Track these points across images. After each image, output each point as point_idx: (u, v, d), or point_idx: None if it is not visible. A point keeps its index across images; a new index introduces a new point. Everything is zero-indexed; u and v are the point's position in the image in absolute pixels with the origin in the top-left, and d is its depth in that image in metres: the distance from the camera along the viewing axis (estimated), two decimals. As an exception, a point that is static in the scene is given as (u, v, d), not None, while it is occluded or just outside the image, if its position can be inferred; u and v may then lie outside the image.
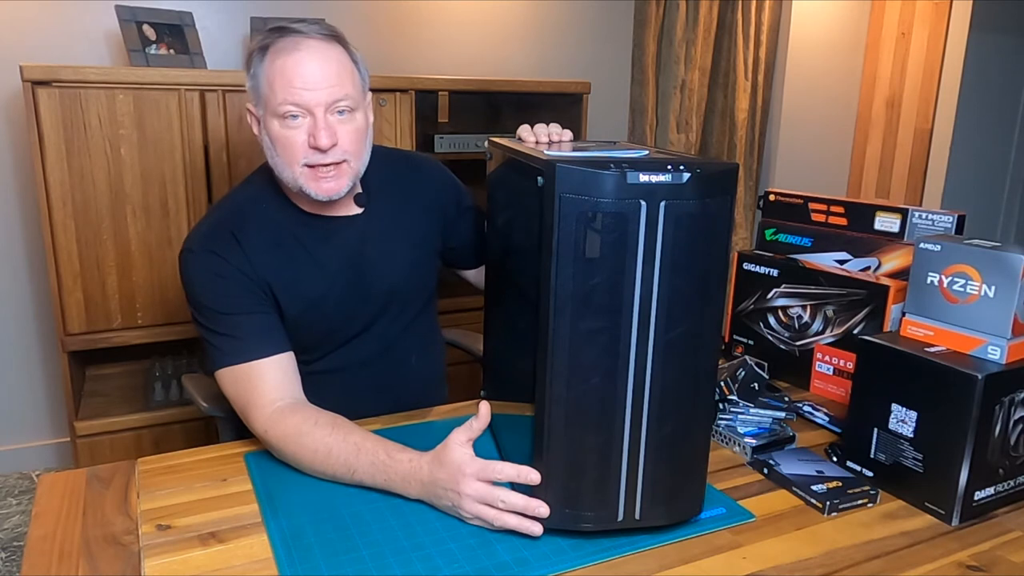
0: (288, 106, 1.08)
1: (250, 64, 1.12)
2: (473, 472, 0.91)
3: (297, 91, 1.08)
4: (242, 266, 1.13)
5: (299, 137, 1.10)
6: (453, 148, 2.44)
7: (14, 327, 2.40)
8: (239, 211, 1.19)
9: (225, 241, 1.14)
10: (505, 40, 2.88)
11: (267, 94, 1.10)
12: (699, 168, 0.81)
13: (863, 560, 0.88)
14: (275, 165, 1.14)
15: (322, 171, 1.12)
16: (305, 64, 1.08)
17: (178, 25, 2.19)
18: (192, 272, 1.14)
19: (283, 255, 1.17)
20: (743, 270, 1.45)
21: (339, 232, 1.22)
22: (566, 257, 0.81)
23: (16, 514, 2.24)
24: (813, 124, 3.54)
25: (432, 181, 1.35)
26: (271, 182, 1.21)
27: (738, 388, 1.21)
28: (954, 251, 1.02)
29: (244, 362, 1.10)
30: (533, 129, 1.17)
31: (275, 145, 1.12)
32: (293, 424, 1.04)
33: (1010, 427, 0.97)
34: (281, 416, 1.06)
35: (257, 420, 1.07)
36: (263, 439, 1.08)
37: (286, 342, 1.15)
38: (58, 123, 1.87)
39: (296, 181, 1.12)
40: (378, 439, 1.01)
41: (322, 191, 1.13)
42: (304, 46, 1.09)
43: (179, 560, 0.85)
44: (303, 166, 1.11)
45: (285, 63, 1.08)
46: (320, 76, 1.08)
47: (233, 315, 1.12)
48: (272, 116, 1.10)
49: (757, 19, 3.26)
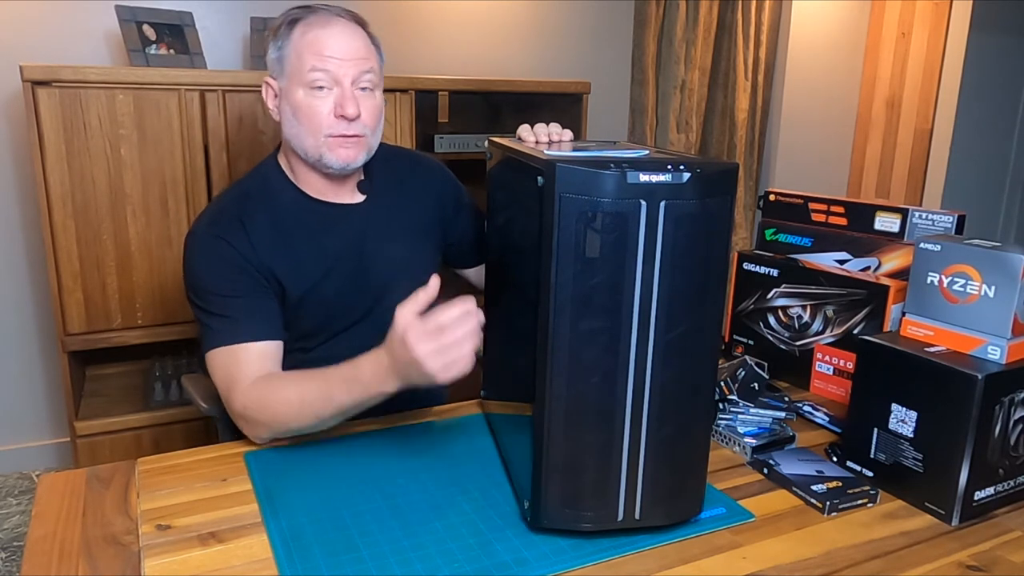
0: (317, 73, 1.12)
1: (276, 37, 1.16)
2: (417, 334, 0.89)
3: (327, 59, 1.12)
4: (245, 252, 1.15)
5: (324, 107, 1.14)
6: (453, 148, 2.44)
7: (14, 327, 2.40)
8: (246, 197, 1.21)
9: (230, 226, 1.16)
10: (505, 40, 2.88)
11: (294, 63, 1.14)
12: (699, 168, 0.81)
13: (863, 560, 0.88)
14: (294, 136, 1.17)
15: (344, 140, 1.16)
16: (336, 37, 1.14)
17: (178, 25, 2.19)
18: (195, 254, 1.17)
19: (286, 239, 1.19)
20: (743, 270, 1.45)
21: (341, 218, 1.24)
22: (566, 257, 0.81)
23: (16, 514, 2.24)
24: (813, 124, 3.54)
25: (433, 177, 1.38)
26: (278, 169, 1.24)
27: (738, 388, 1.21)
28: (954, 251, 1.02)
29: (235, 343, 1.12)
30: (533, 129, 1.18)
31: (298, 114, 1.15)
32: (263, 385, 1.08)
33: (1010, 427, 0.97)
34: (252, 386, 1.09)
35: (237, 400, 1.09)
36: (244, 417, 1.09)
37: (280, 331, 1.16)
38: (58, 123, 1.87)
39: (318, 150, 1.16)
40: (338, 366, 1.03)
41: (341, 158, 1.17)
42: (335, 22, 1.15)
43: (179, 560, 0.85)
44: (326, 136, 1.15)
45: (318, 35, 1.13)
46: (350, 48, 1.14)
47: (230, 297, 1.14)
48: (298, 85, 1.14)
49: (757, 19, 3.26)
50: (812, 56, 3.44)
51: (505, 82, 2.48)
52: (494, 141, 1.13)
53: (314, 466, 1.06)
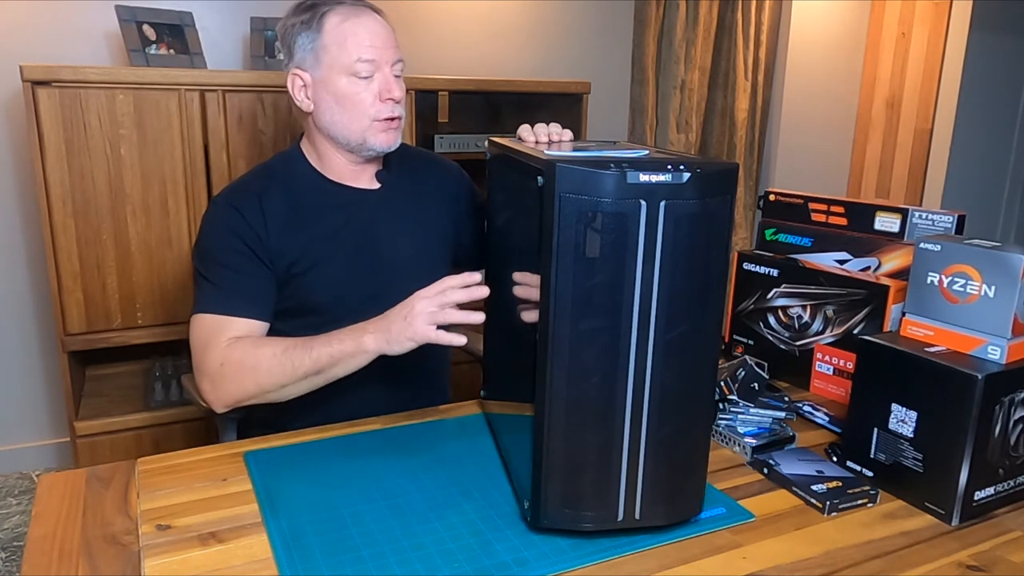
0: (363, 64, 1.18)
1: (307, 28, 1.20)
2: (425, 292, 1.03)
3: (370, 48, 1.18)
4: (256, 226, 1.20)
5: (369, 93, 1.20)
6: (453, 148, 2.44)
7: (14, 327, 2.40)
8: (269, 175, 1.27)
9: (248, 200, 1.21)
10: (505, 40, 2.88)
11: (335, 53, 1.18)
12: (699, 168, 0.81)
13: (863, 560, 0.88)
14: (336, 123, 1.22)
15: (388, 124, 1.23)
16: (372, 26, 1.20)
17: (178, 25, 2.19)
18: (210, 220, 1.23)
19: (299, 215, 1.23)
20: (743, 270, 1.45)
21: (356, 200, 1.29)
22: (566, 257, 0.81)
23: (16, 514, 2.24)
24: (813, 124, 3.54)
25: (449, 177, 1.42)
26: (300, 154, 1.29)
27: (738, 388, 1.21)
28: (954, 251, 1.02)
29: (224, 314, 1.17)
30: (533, 129, 1.18)
31: (341, 103, 1.20)
32: (249, 341, 1.15)
33: (1010, 427, 0.97)
34: (235, 344, 1.15)
35: (214, 356, 1.14)
36: (218, 375, 1.13)
37: (268, 314, 1.21)
38: (58, 123, 1.87)
39: (362, 134, 1.22)
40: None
41: (383, 142, 1.23)
42: (364, 12, 1.21)
43: (179, 560, 0.85)
44: (373, 120, 1.21)
45: (356, 24, 1.19)
46: (387, 36, 1.21)
47: (230, 270, 1.19)
48: (340, 74, 1.19)
49: (757, 19, 3.26)
50: (812, 56, 3.44)
51: (505, 82, 2.48)
52: (494, 141, 1.14)
53: (314, 466, 1.06)
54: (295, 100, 1.24)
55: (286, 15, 1.24)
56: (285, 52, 1.24)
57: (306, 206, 1.25)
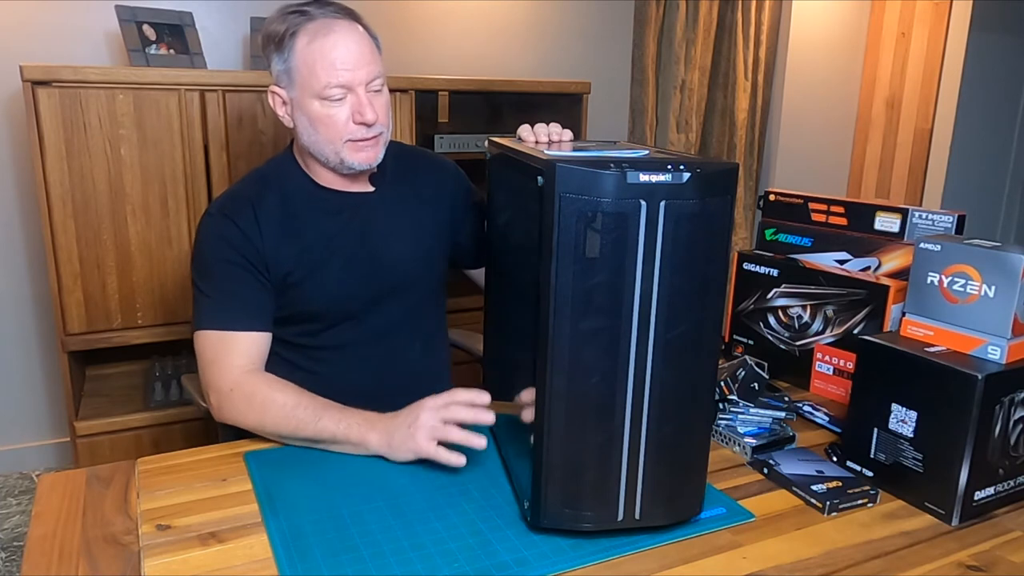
0: (333, 88, 1.15)
1: (279, 49, 1.17)
2: (431, 403, 1.03)
3: (339, 72, 1.14)
4: (251, 235, 1.19)
5: (342, 115, 1.17)
6: (453, 148, 2.44)
7: (14, 327, 2.40)
8: (262, 182, 1.25)
9: (241, 208, 1.20)
10: (505, 40, 2.88)
11: (305, 77, 1.15)
12: (699, 168, 0.81)
13: (863, 560, 0.88)
14: (312, 143, 1.20)
15: (364, 143, 1.20)
16: (342, 46, 1.14)
17: (178, 25, 2.19)
18: (205, 232, 1.21)
19: (293, 221, 1.23)
20: (743, 270, 1.45)
21: (350, 205, 1.27)
22: (566, 257, 0.81)
23: (16, 514, 2.24)
24: (813, 124, 3.54)
25: (445, 176, 1.40)
26: (292, 160, 1.28)
27: (738, 388, 1.21)
28: (954, 251, 1.02)
29: (227, 329, 1.17)
30: (533, 129, 1.18)
31: (315, 125, 1.18)
32: (265, 380, 1.14)
33: (1010, 427, 0.97)
34: (252, 375, 1.15)
35: (223, 377, 1.14)
36: (226, 397, 1.13)
37: (268, 323, 1.21)
38: (58, 123, 1.87)
39: (338, 155, 1.20)
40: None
41: (362, 160, 1.21)
42: (336, 28, 1.15)
43: (179, 560, 0.85)
44: (346, 141, 1.18)
45: (323, 46, 1.14)
46: (358, 56, 1.16)
47: (228, 283, 1.19)
48: (312, 97, 1.16)
49: (757, 19, 3.26)
50: (812, 56, 3.44)
51: (505, 82, 2.48)
52: (494, 141, 1.14)
53: (314, 466, 1.06)
54: (277, 115, 1.23)
55: (263, 26, 1.21)
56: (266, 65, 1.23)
57: (300, 212, 1.24)
